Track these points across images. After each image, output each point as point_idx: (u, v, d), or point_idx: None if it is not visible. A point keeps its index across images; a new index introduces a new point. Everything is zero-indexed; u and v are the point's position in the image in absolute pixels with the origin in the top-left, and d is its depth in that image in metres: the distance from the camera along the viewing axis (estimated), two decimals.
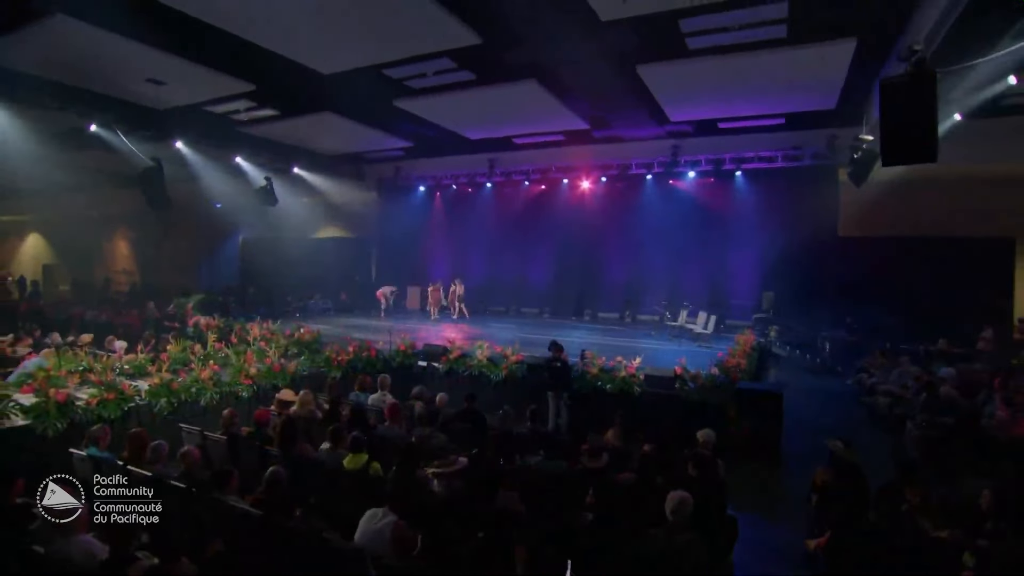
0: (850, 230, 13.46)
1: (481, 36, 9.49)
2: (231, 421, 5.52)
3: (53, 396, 5.48)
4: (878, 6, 8.37)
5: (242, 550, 3.26)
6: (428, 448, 4.85)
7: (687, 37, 9.36)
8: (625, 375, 7.81)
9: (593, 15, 8.65)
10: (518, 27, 9.38)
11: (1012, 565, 3.32)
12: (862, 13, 8.59)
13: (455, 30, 9.23)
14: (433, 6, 8.53)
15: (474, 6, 8.68)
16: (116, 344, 9.05)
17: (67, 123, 12.74)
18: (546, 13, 8.87)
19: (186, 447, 4.61)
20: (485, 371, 8.60)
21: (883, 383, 8.80)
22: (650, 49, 9.87)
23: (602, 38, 9.49)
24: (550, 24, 9.22)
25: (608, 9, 8.49)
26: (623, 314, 16.06)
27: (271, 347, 8.52)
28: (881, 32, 9.23)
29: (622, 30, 9.11)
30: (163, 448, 4.60)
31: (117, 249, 24.51)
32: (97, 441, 4.81)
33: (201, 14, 8.88)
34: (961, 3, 6.84)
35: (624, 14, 8.60)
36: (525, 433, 5.88)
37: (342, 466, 4.56)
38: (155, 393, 6.32)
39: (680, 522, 3.46)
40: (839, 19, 8.78)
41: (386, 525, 3.37)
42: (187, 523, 3.66)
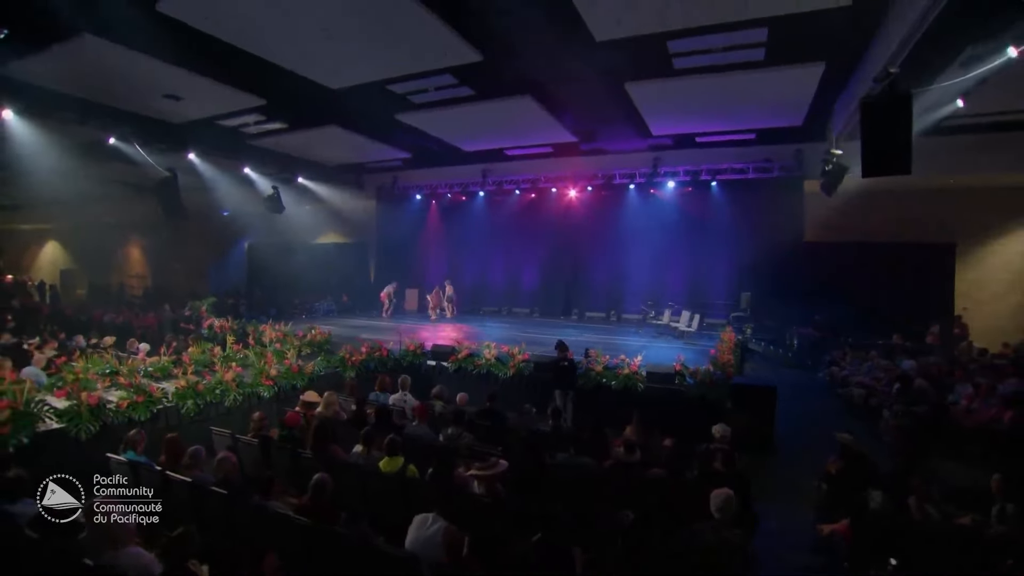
0: (815, 236, 13.56)
1: (482, 54, 9.27)
2: (261, 424, 5.17)
3: (85, 399, 5.11)
4: (846, 34, 8.35)
5: (291, 559, 2.95)
6: (460, 449, 4.58)
7: (674, 57, 9.26)
8: (628, 372, 7.65)
9: (588, 35, 8.50)
10: (517, 46, 9.19)
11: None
12: (831, 39, 8.56)
13: (459, 48, 9.02)
14: (440, 26, 8.31)
15: (478, 26, 8.48)
16: (139, 346, 8.60)
17: (87, 136, 12.26)
18: (544, 33, 8.70)
19: (222, 453, 4.23)
20: (493, 370, 8.35)
21: (855, 375, 8.78)
22: (639, 68, 9.75)
23: (595, 57, 9.31)
24: (547, 43, 9.05)
25: (603, 30, 8.34)
26: (608, 313, 15.94)
27: (287, 348, 8.15)
28: (845, 57, 9.26)
29: (614, 49, 8.96)
30: (200, 453, 4.26)
31: (131, 255, 23.82)
32: (134, 445, 4.47)
33: (222, 34, 8.60)
34: (912, 39, 6.86)
35: (617, 35, 8.45)
36: (547, 431, 5.65)
37: (378, 469, 4.24)
38: (182, 395, 5.94)
39: (726, 519, 3.27)
40: (811, 44, 8.73)
41: (437, 530, 3.11)
42: (231, 531, 3.34)
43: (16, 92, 10.08)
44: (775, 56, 9.03)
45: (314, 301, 16.88)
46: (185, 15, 8.15)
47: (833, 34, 8.35)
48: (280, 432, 5.04)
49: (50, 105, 10.76)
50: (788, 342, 12.61)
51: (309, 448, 4.66)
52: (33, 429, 4.72)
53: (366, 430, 4.66)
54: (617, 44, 8.73)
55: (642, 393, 7.30)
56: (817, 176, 13.65)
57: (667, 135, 13.73)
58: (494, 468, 3.78)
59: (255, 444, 4.90)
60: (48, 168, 12.16)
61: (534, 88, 11.05)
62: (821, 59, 9.23)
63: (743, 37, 8.49)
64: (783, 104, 11.26)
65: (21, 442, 4.54)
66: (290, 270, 19.07)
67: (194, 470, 4.07)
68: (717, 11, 7.81)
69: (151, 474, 3.87)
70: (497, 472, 3.77)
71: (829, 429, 5.67)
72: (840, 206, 12.76)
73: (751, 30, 8.27)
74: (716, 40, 8.62)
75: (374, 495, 3.89)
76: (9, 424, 4.55)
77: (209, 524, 3.25)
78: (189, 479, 3.82)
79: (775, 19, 7.89)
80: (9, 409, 4.64)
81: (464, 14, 8.12)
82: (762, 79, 9.84)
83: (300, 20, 8.22)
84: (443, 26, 8.33)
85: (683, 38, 8.58)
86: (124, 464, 4.18)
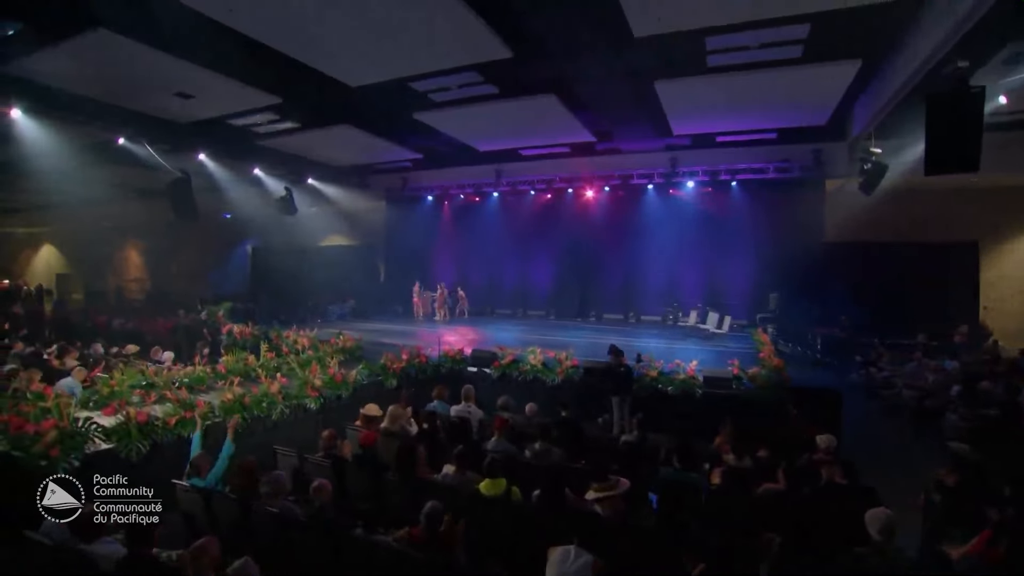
0: (835, 236, 13.41)
1: (513, 51, 8.95)
2: (331, 442, 4.72)
3: (134, 417, 4.69)
4: (883, 30, 8.18)
5: None
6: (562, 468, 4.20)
7: (709, 55, 9.03)
8: (685, 377, 7.37)
9: (627, 32, 8.22)
10: (550, 43, 8.92)
11: None
12: (870, 36, 8.38)
13: (490, 45, 8.71)
14: (475, 21, 7.99)
15: (513, 22, 8.19)
16: (164, 355, 8.12)
17: (93, 137, 11.79)
18: (581, 29, 8.45)
19: (317, 481, 3.72)
20: (540, 375, 8.00)
21: (896, 376, 8.58)
22: (671, 65, 9.51)
23: (629, 54, 9.09)
24: (582, 40, 8.80)
25: (643, 26, 8.07)
26: (627, 315, 15.68)
27: (322, 356, 7.71)
28: (879, 55, 9.09)
29: (650, 47, 8.71)
30: (282, 479, 3.80)
31: (129, 258, 23.19)
32: (199, 470, 4.06)
33: (245, 28, 8.20)
34: (956, 36, 6.68)
35: (656, 31, 8.19)
36: (633, 441, 5.31)
37: (478, 492, 3.83)
38: (229, 409, 5.51)
39: (888, 541, 2.97)
40: (850, 41, 8.54)
41: (585, 565, 2.78)
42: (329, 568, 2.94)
43: (24, 90, 9.63)
44: (813, 53, 8.84)
45: (327, 304, 16.41)
46: (208, 8, 7.75)
47: (873, 30, 8.19)
48: (356, 452, 4.61)
49: (58, 104, 10.32)
50: (810, 342, 12.44)
51: (393, 470, 4.24)
52: (83, 450, 4.32)
53: (459, 449, 4.25)
54: (654, 41, 8.47)
55: (700, 399, 7.01)
56: (837, 175, 13.61)
57: (686, 135, 13.52)
58: (614, 489, 3.45)
59: (326, 465, 4.46)
60: (53, 169, 11.65)
61: (559, 86, 10.79)
62: (858, 56, 9.05)
63: (783, 33, 8.28)
64: (810, 103, 11.09)
65: (71, 465, 4.13)
66: (297, 273, 18.62)
67: (277, 499, 3.61)
68: (763, 6, 7.57)
69: (227, 504, 3.47)
70: (619, 493, 3.44)
71: (884, 433, 5.44)
72: (861, 205, 12.64)
73: (793, 26, 8.07)
74: (755, 37, 8.41)
75: (478, 522, 3.48)
76: (57, 445, 4.15)
77: (301, 560, 2.87)
78: (275, 509, 3.40)
79: (820, 15, 7.68)
80: (56, 429, 4.23)
81: (500, 10, 7.82)
82: (794, 77, 9.66)
83: (329, 14, 7.87)
84: (478, 21, 8.03)
85: (722, 35, 8.37)
86: (192, 492, 3.77)
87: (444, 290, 16.60)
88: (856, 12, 7.46)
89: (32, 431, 4.22)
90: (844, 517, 3.06)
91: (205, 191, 15.43)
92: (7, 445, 4.12)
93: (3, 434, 4.21)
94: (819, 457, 4.46)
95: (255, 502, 3.45)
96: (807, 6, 7.47)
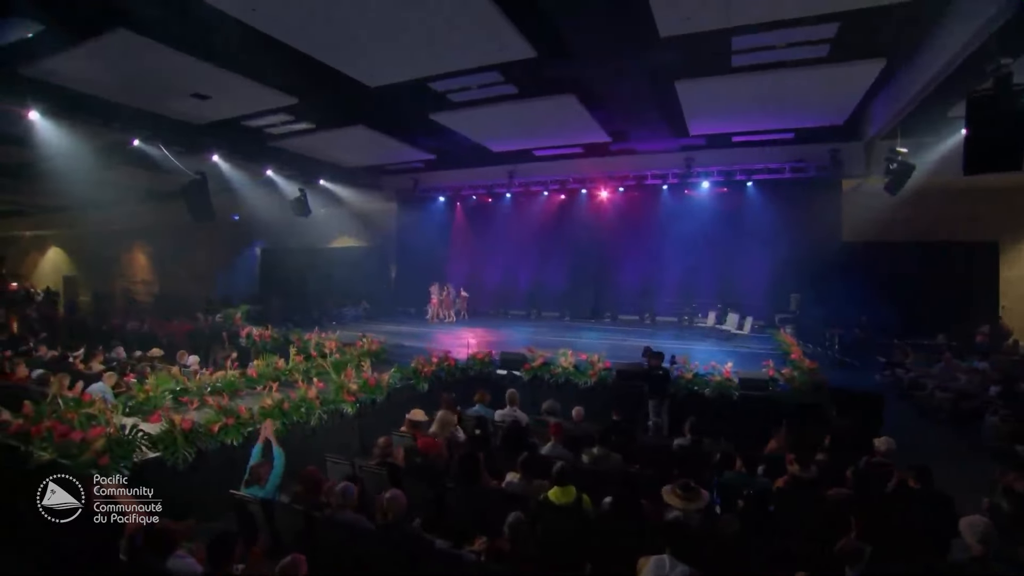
0: (852, 236, 13.34)
1: (537, 50, 8.87)
2: (387, 450, 4.53)
3: (179, 424, 4.58)
4: (909, 28, 8.10)
5: None
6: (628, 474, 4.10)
7: (734, 55, 8.96)
8: (721, 379, 7.29)
9: (652, 32, 8.14)
10: (575, 43, 8.85)
11: None
12: (896, 35, 8.30)
13: (515, 44, 8.63)
14: (502, 20, 7.91)
15: (538, 21, 8.10)
16: (189, 358, 8.01)
17: (107, 139, 11.70)
18: (607, 29, 8.37)
19: (390, 492, 3.47)
20: (572, 378, 7.88)
21: (924, 378, 8.51)
22: (694, 65, 9.42)
23: (652, 54, 9.00)
24: (607, 40, 8.72)
25: (669, 26, 7.99)
26: (642, 316, 15.59)
27: (350, 359, 7.60)
28: (902, 53, 9.02)
29: (674, 47, 8.62)
30: (351, 491, 3.56)
31: (136, 261, 23.02)
32: (259, 479, 3.93)
33: (265, 27, 8.11)
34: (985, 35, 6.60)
35: (684, 31, 8.11)
36: (686, 445, 5.21)
37: (547, 500, 3.69)
38: (270, 415, 5.41)
39: (988, 551, 2.86)
40: (877, 40, 8.46)
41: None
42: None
43: (42, 92, 9.56)
44: (839, 52, 8.76)
45: (341, 306, 16.29)
46: (231, 7, 7.67)
47: (900, 29, 8.11)
48: (413, 460, 4.48)
49: (75, 106, 10.26)
50: (827, 343, 12.37)
51: (454, 478, 4.14)
52: (132, 459, 4.22)
53: (525, 457, 4.14)
54: (679, 41, 8.40)
55: (737, 401, 6.93)
56: (854, 175, 13.54)
57: (702, 135, 13.45)
58: (697, 500, 3.35)
59: (381, 474, 4.30)
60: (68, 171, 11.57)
61: (579, 87, 10.72)
62: (883, 55, 8.97)
63: (811, 33, 8.20)
64: (830, 102, 11.00)
65: (122, 474, 4.03)
66: (306, 276, 18.51)
67: (345, 510, 3.46)
68: (793, 4, 7.49)
69: (291, 515, 3.36)
70: (704, 504, 3.34)
71: (921, 436, 5.35)
72: (878, 205, 12.60)
73: (821, 25, 7.99)
74: (782, 36, 8.34)
75: (550, 533, 3.36)
76: (107, 454, 4.04)
77: (374, 574, 2.77)
78: (345, 521, 3.28)
79: (849, 13, 7.60)
80: (104, 437, 4.13)
81: (526, 9, 7.74)
82: (817, 77, 9.58)
83: (352, 13, 7.78)
84: (504, 21, 7.95)
85: (749, 34, 8.29)
86: (253, 503, 3.66)
87: (451, 291, 16.59)
88: (886, 10, 7.40)
89: (79, 439, 4.13)
90: (922, 523, 2.96)
91: (215, 192, 15.36)
92: (54, 453, 4.03)
93: (47, 441, 4.12)
94: (879, 460, 4.38)
95: (322, 513, 3.35)
96: (838, 4, 7.40)
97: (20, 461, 3.90)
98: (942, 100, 9.75)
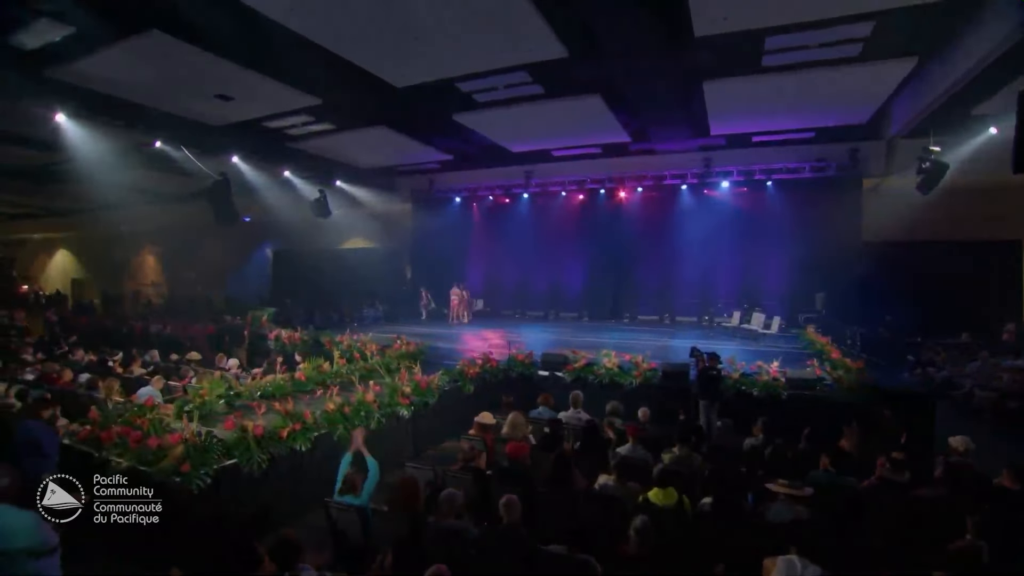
0: (873, 235, 13.34)
1: (569, 50, 8.85)
2: (471, 454, 4.50)
3: (251, 430, 4.53)
4: (940, 27, 8.11)
5: None
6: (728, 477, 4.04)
7: (765, 54, 8.95)
8: (768, 379, 7.29)
9: (687, 32, 8.13)
10: (607, 43, 8.81)
11: None
12: (928, 33, 8.30)
13: (548, 44, 8.62)
14: (538, 19, 7.89)
15: (572, 21, 8.09)
16: (229, 362, 7.95)
17: (128, 140, 11.65)
18: (642, 29, 8.34)
19: (506, 496, 3.40)
20: (617, 379, 7.84)
21: (959, 376, 8.52)
22: (726, 65, 9.40)
23: (684, 54, 8.99)
24: (640, 40, 8.69)
25: (706, 25, 7.98)
26: (661, 316, 15.60)
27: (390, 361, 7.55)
28: (933, 52, 9.02)
29: (707, 46, 8.61)
30: (457, 496, 3.55)
31: (145, 263, 22.90)
32: (353, 487, 3.86)
33: (300, 28, 8.07)
34: None
35: (720, 31, 8.10)
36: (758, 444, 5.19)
37: (647, 502, 3.63)
38: (333, 419, 5.41)
39: None
40: (910, 39, 8.46)
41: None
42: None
43: (69, 94, 9.52)
44: (871, 52, 8.75)
45: (361, 308, 16.21)
46: (268, 8, 7.63)
47: (934, 28, 8.12)
48: (500, 463, 4.43)
49: (99, 108, 10.23)
50: (849, 341, 12.37)
51: (545, 480, 4.08)
52: (213, 465, 4.16)
53: (619, 459, 4.12)
54: (713, 40, 8.39)
55: (786, 400, 6.92)
56: (874, 174, 13.58)
57: (723, 135, 13.45)
58: (801, 491, 3.33)
59: (465, 478, 4.23)
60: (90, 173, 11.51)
61: (605, 87, 10.69)
62: (915, 54, 8.98)
63: (845, 32, 8.19)
64: (856, 101, 11.02)
65: (204, 482, 3.98)
66: (320, 277, 18.43)
67: (450, 516, 3.43)
68: (832, 3, 7.48)
69: (390, 522, 3.32)
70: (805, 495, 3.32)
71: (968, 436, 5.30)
72: (899, 205, 12.60)
73: (856, 24, 7.99)
74: (816, 36, 8.33)
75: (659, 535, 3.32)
76: (187, 460, 3.99)
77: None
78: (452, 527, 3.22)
79: (885, 12, 7.60)
80: (183, 443, 4.07)
81: (562, 8, 7.71)
82: (846, 76, 9.58)
83: (391, 13, 7.74)
84: (541, 20, 7.93)
85: (784, 34, 8.28)
86: (348, 510, 3.61)
87: (463, 292, 16.54)
88: (921, 9, 7.40)
89: (155, 445, 4.08)
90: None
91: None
92: (131, 459, 3.99)
93: (122, 447, 4.07)
94: (958, 460, 4.37)
95: (428, 520, 3.32)
96: (876, 3, 7.39)
97: (97, 468, 3.84)
98: (970, 98, 9.79)
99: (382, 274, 18.17)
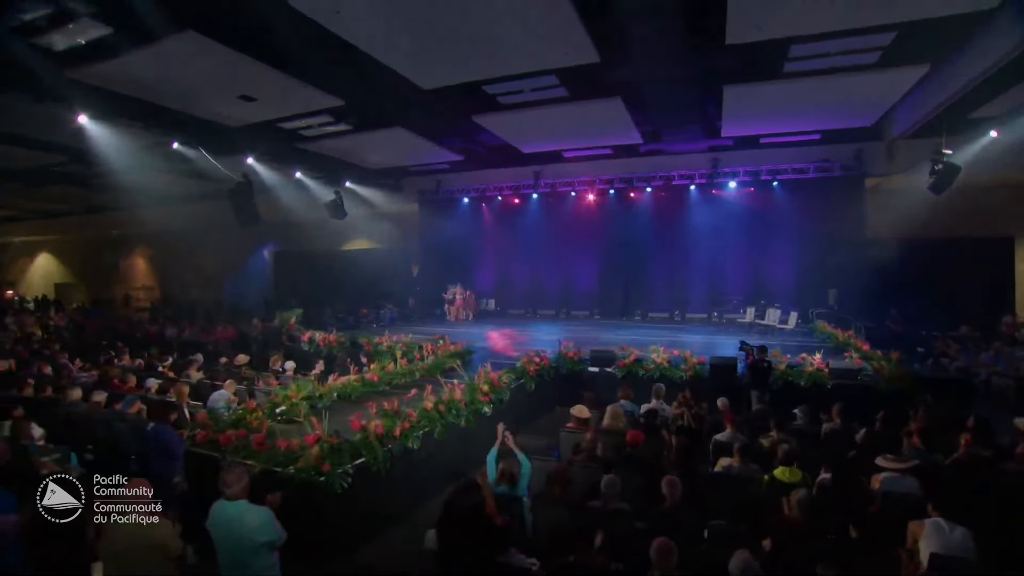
0: (876, 233, 13.99)
1: (601, 55, 9.08)
2: (593, 444, 4.78)
3: (373, 430, 4.67)
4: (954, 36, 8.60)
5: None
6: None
7: (789, 61, 9.35)
8: (813, 369, 7.74)
9: (720, 38, 8.45)
10: (638, 47, 9.06)
11: None
12: (943, 41, 8.80)
13: (583, 49, 8.81)
14: (577, 24, 8.08)
15: (612, 28, 8.31)
16: (285, 364, 7.99)
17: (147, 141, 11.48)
18: (676, 36, 8.62)
19: (667, 476, 3.71)
20: (667, 373, 8.20)
21: (974, 367, 9.09)
22: (748, 71, 9.76)
23: (712, 60, 9.32)
24: (672, 45, 8.97)
25: (740, 33, 8.31)
26: (672, 313, 16.04)
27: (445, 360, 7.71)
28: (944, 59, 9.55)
29: (735, 52, 8.94)
30: (617, 484, 3.77)
31: (136, 266, 22.32)
32: (512, 479, 3.99)
33: (340, 29, 8.10)
34: None
35: (750, 39, 8.45)
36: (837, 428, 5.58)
37: (775, 480, 4.01)
38: (431, 419, 5.58)
39: None
40: (925, 47, 8.94)
41: (964, 536, 2.94)
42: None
43: (93, 96, 9.38)
44: (888, 59, 9.19)
45: (379, 309, 16.22)
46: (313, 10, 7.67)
47: (948, 36, 8.61)
48: (623, 452, 4.71)
49: (118, 110, 10.10)
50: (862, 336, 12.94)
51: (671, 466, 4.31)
52: (348, 465, 4.30)
53: (743, 443, 4.44)
54: (742, 47, 8.73)
55: (832, 390, 7.36)
56: (877, 174, 14.21)
57: (732, 136, 13.90)
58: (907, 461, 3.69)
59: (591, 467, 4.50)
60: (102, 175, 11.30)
61: (628, 90, 10.94)
62: (928, 61, 9.48)
63: (867, 41, 8.61)
64: (866, 105, 11.53)
65: (346, 482, 4.12)
66: (324, 279, 18.31)
67: (613, 501, 3.67)
68: (861, 14, 7.86)
69: (552, 509, 3.54)
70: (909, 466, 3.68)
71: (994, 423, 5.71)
72: (900, 203, 13.25)
73: (879, 34, 8.42)
74: (840, 44, 8.74)
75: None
76: (326, 460, 4.12)
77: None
78: (619, 510, 3.47)
79: (909, 23, 8.05)
80: (319, 444, 4.19)
81: (599, 14, 7.91)
82: (861, 81, 10.05)
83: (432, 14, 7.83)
84: (579, 25, 8.12)
85: (810, 42, 8.67)
86: (511, 500, 3.81)
87: (468, 292, 16.81)
88: (941, 20, 7.88)
89: (284, 447, 4.20)
90: None
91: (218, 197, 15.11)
92: (264, 461, 4.10)
93: (245, 450, 4.17)
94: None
95: (587, 506, 3.57)
96: (903, 14, 7.81)
97: None
98: (971, 102, 10.39)
99: (388, 275, 18.18)
